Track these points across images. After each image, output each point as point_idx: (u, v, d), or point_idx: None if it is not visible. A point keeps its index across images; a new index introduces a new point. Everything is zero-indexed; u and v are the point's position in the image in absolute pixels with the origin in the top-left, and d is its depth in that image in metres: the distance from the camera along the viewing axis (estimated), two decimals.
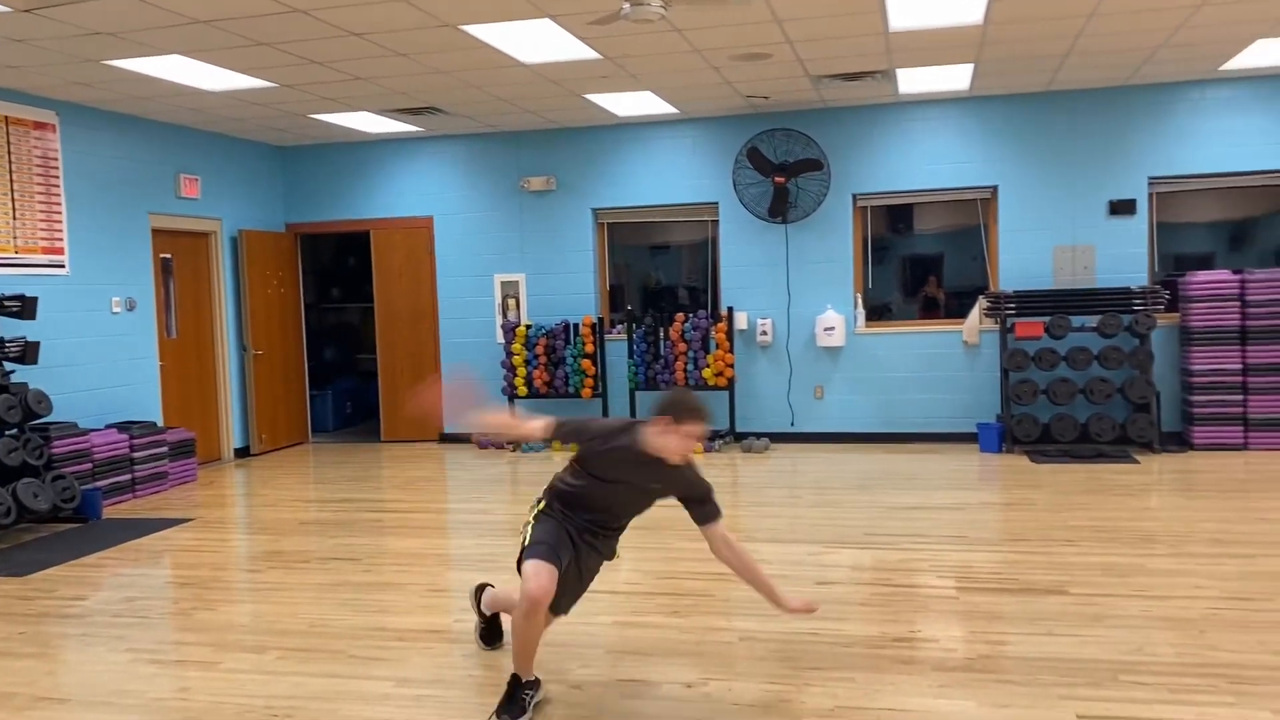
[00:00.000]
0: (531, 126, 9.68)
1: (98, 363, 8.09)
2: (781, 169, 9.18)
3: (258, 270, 9.89)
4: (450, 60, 6.98)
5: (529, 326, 9.68)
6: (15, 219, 7.41)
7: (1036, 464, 8.05)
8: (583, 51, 6.82)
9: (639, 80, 7.80)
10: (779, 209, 9.26)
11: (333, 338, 12.07)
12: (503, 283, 10.01)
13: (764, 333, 9.44)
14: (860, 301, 9.36)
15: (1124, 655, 3.89)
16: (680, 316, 9.39)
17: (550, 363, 9.59)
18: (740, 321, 9.46)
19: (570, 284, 9.86)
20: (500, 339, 9.94)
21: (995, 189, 9.03)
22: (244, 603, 5.17)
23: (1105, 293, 8.45)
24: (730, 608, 4.70)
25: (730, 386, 9.30)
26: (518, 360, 9.59)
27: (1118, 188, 8.75)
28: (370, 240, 10.37)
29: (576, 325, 9.63)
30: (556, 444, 3.90)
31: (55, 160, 7.75)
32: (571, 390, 9.56)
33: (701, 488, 3.65)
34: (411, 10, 5.77)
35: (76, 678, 4.15)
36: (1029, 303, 8.57)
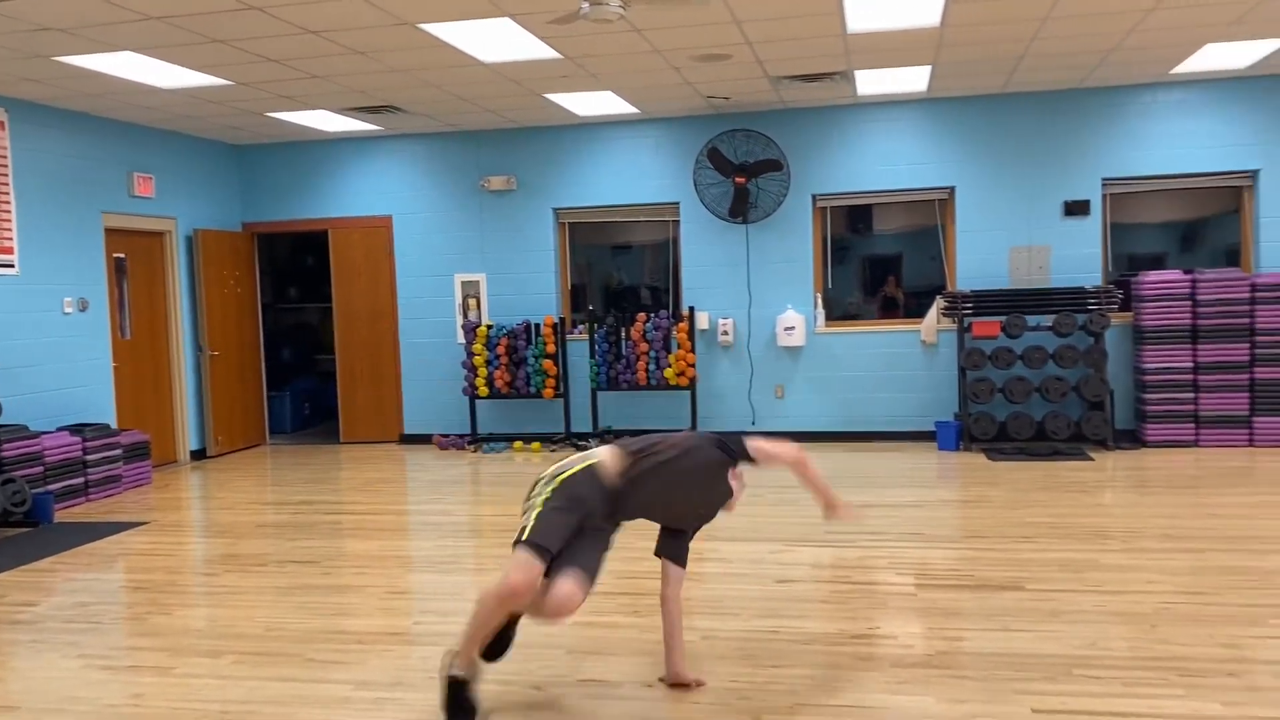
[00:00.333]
0: (492, 126, 9.64)
1: (49, 364, 7.95)
2: (742, 169, 9.21)
3: (214, 270, 9.77)
4: (409, 59, 6.94)
5: (490, 326, 9.63)
6: None
7: (993, 461, 8.15)
8: (543, 51, 6.80)
9: (599, 80, 7.79)
10: (739, 209, 9.30)
11: (291, 338, 11.94)
12: (463, 282, 9.96)
13: (725, 332, 9.47)
14: (820, 301, 9.42)
15: (1078, 650, 3.95)
16: (642, 316, 9.39)
17: (512, 363, 9.56)
18: (701, 321, 9.49)
19: (531, 284, 9.84)
20: (461, 339, 9.89)
21: (953, 190, 9.13)
22: (199, 607, 5.10)
23: (1060, 292, 8.57)
24: (691, 607, 4.70)
25: (692, 386, 9.32)
26: (479, 360, 9.54)
27: (1072, 189, 8.88)
28: (328, 240, 10.27)
29: (538, 325, 9.60)
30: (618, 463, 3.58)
31: (4, 158, 7.60)
32: (533, 390, 9.53)
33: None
34: (369, 8, 5.73)
35: (26, 685, 4.07)
36: (986, 302, 8.68)
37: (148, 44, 6.34)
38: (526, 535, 3.38)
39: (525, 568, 3.30)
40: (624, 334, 9.43)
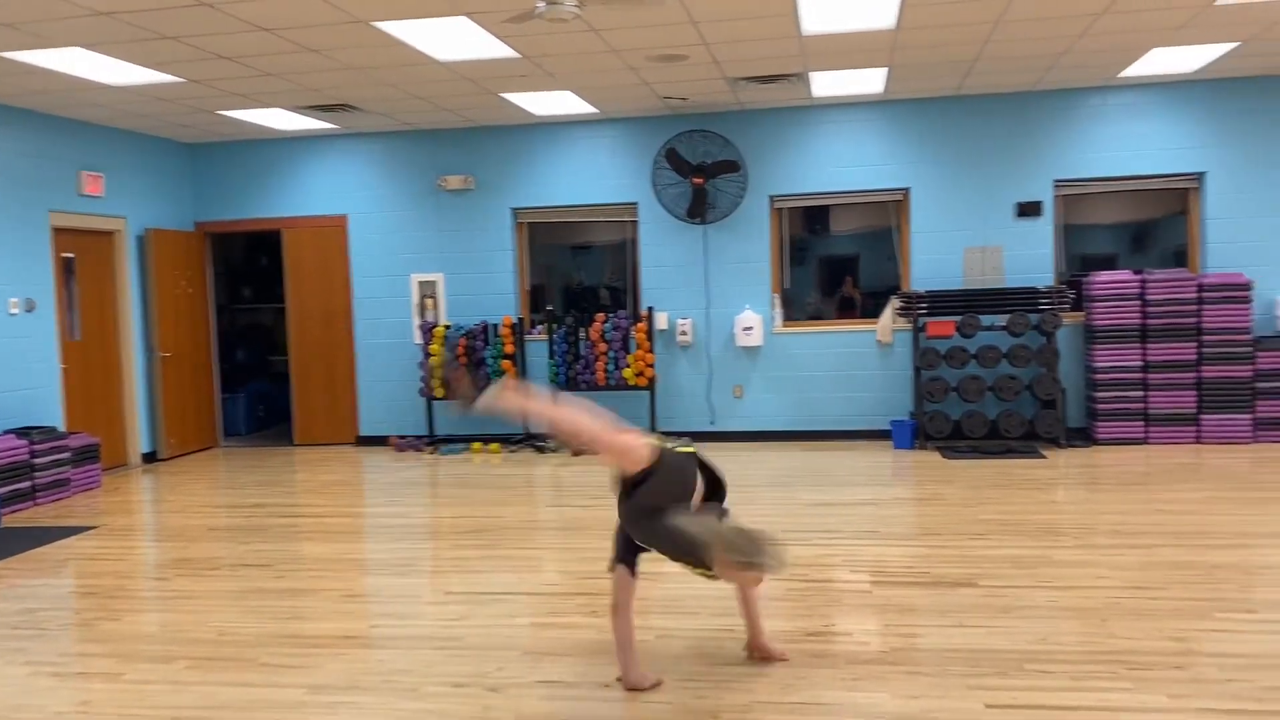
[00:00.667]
0: (449, 125, 9.59)
1: None
2: (699, 170, 9.24)
3: (165, 270, 9.62)
4: (364, 57, 6.88)
5: (448, 327, 9.58)
6: None
7: (948, 460, 8.24)
8: (500, 50, 6.77)
9: (557, 80, 7.78)
10: (698, 210, 9.32)
11: (245, 339, 11.78)
12: (420, 282, 9.90)
13: (684, 333, 9.49)
14: (778, 302, 9.47)
15: (1030, 645, 4.00)
16: (600, 317, 9.39)
17: (470, 363, 9.50)
18: (660, 321, 9.50)
19: (490, 284, 9.79)
20: (418, 339, 9.82)
21: (908, 191, 9.22)
22: (150, 612, 5.02)
23: (1013, 292, 8.69)
24: (648, 606, 4.70)
25: (651, 386, 9.33)
26: (436, 361, 9.47)
27: (1025, 190, 9.01)
28: (282, 240, 10.15)
29: (496, 326, 9.56)
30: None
31: None
32: None
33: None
34: (323, 5, 5.67)
35: None
36: (940, 303, 8.77)
37: (96, 40, 6.23)
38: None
39: None
40: (583, 334, 9.41)
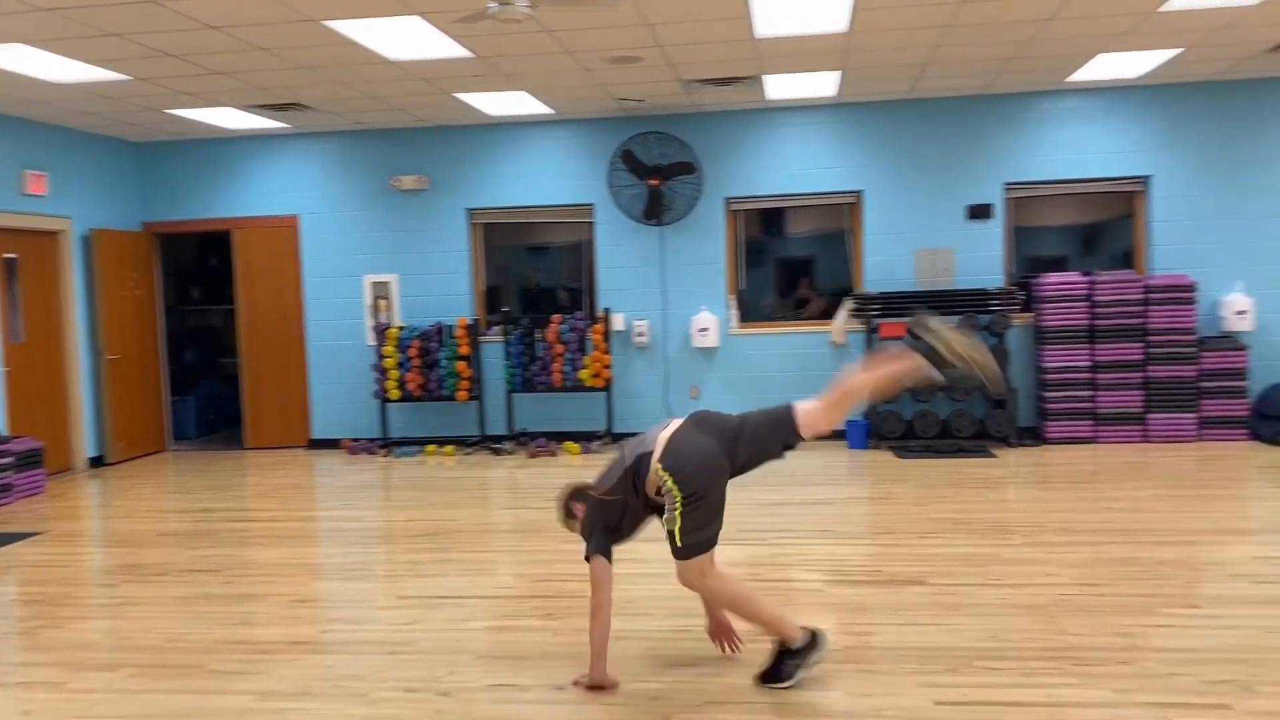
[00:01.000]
0: (402, 124, 9.51)
1: None
2: (655, 172, 9.25)
3: (112, 271, 9.44)
4: (314, 56, 6.80)
5: (401, 328, 9.50)
6: None
7: (901, 459, 8.32)
8: (453, 50, 6.73)
9: (512, 80, 7.74)
10: (654, 211, 9.33)
11: (194, 341, 11.60)
12: (373, 284, 9.80)
13: (640, 334, 9.49)
14: (734, 303, 9.51)
15: (979, 642, 4.05)
16: (557, 318, 9.36)
17: (424, 365, 9.43)
18: (617, 323, 9.49)
19: (444, 285, 9.73)
20: (371, 341, 9.73)
21: (860, 193, 9.30)
22: (95, 619, 4.92)
23: (964, 294, 8.80)
24: None
25: (607, 387, 9.32)
26: (389, 363, 9.40)
27: (975, 193, 9.12)
28: (232, 240, 10.01)
29: (451, 327, 9.49)
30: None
31: None
32: (446, 393, 9.42)
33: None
34: (272, 4, 5.59)
35: None
36: (893, 304, 8.85)
37: (39, 36, 6.09)
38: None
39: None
40: (539, 335, 9.38)
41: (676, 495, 3.59)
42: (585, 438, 9.31)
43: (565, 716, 3.54)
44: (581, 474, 8.34)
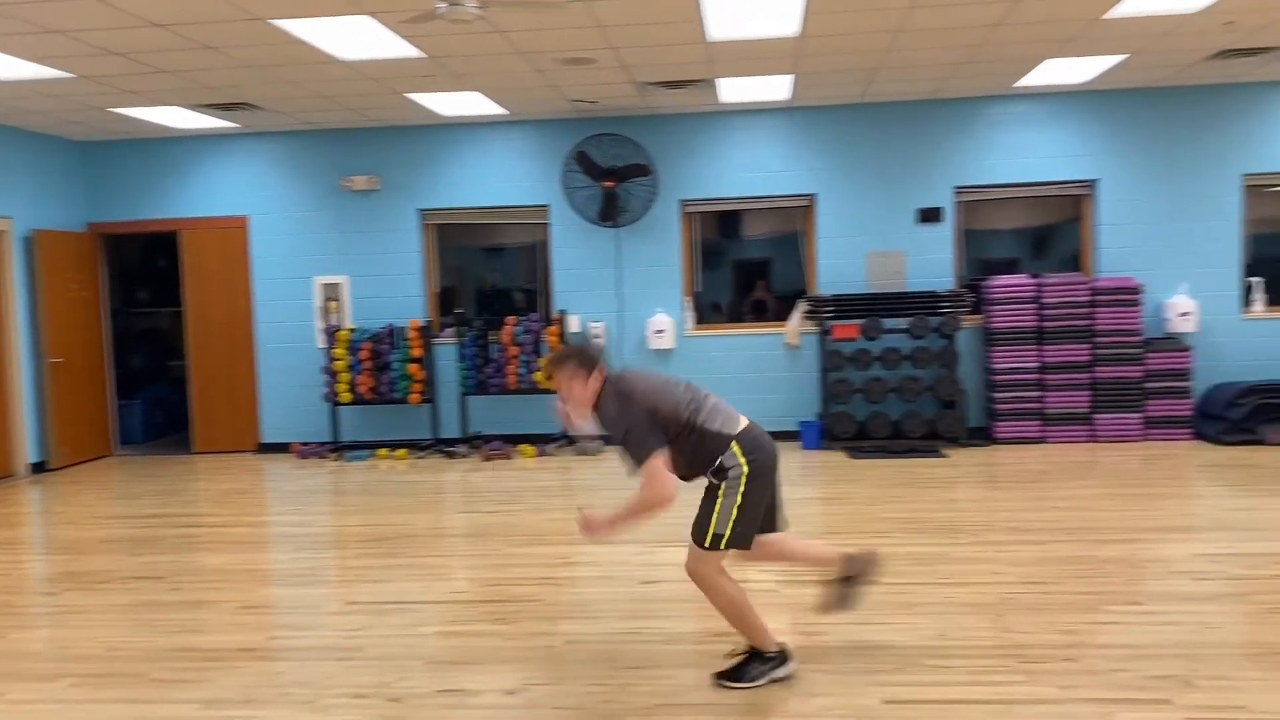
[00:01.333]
0: (353, 124, 9.42)
1: None
2: (610, 173, 9.24)
3: (55, 272, 9.24)
4: (263, 55, 6.71)
5: (353, 330, 9.40)
6: None
7: (853, 459, 8.38)
8: (404, 50, 6.67)
9: (464, 80, 7.70)
10: (609, 213, 9.33)
11: (141, 344, 11.40)
12: (324, 285, 9.69)
13: (596, 335, 9.47)
14: (690, 305, 9.53)
15: (928, 641, 4.09)
16: (511, 319, 9.32)
17: (376, 368, 9.34)
18: (573, 324, 9.47)
19: (396, 286, 9.64)
20: (321, 343, 9.62)
21: (814, 197, 9.36)
22: (36, 628, 4.81)
23: (915, 296, 8.89)
24: (556, 612, 4.69)
25: None
26: (340, 366, 9.29)
27: (926, 197, 9.22)
28: (179, 241, 9.85)
29: (403, 329, 9.41)
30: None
31: None
32: (398, 396, 9.34)
33: (615, 431, 3.74)
34: (218, 1, 5.51)
35: None
36: (845, 306, 8.92)
37: None
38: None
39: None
40: (493, 337, 9.33)
41: (743, 479, 3.64)
42: (541, 440, 9.27)
43: None
44: (536, 477, 8.31)
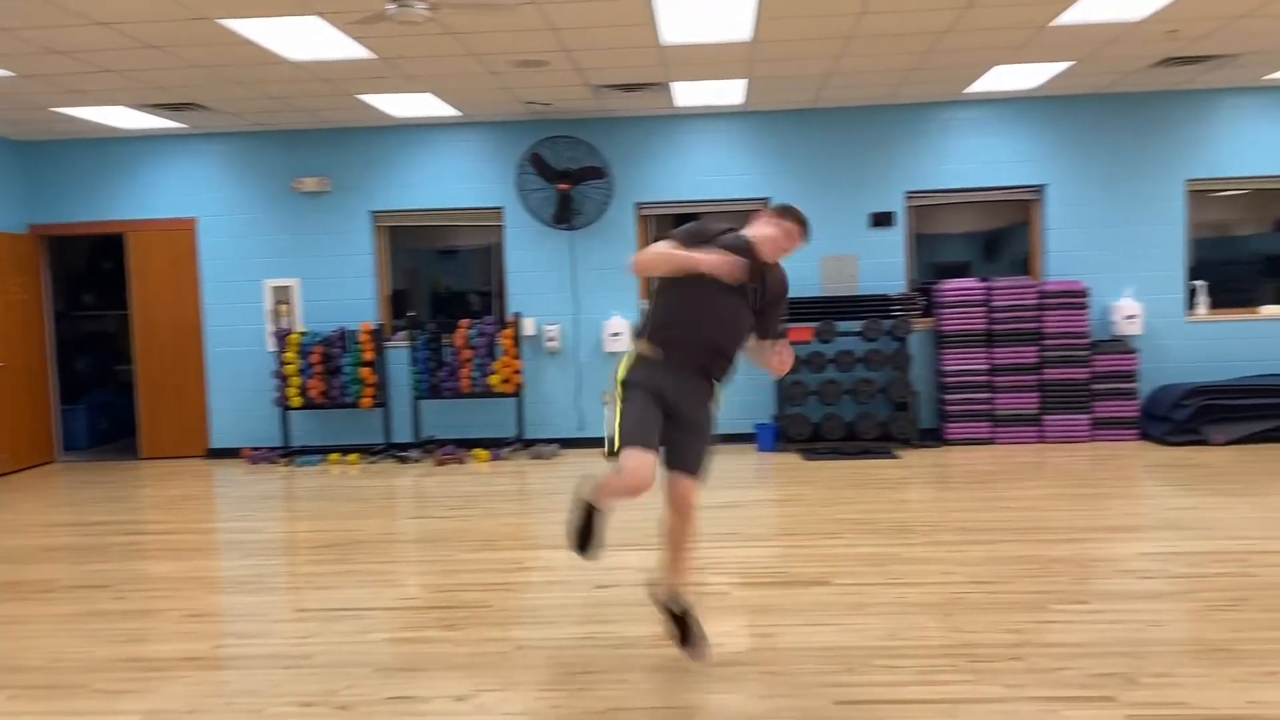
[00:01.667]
0: (305, 126, 9.31)
1: None
2: (565, 176, 9.22)
3: None
4: (210, 55, 6.61)
5: (303, 334, 9.29)
6: None
7: (808, 461, 8.43)
8: (355, 50, 6.61)
9: (416, 82, 7.64)
10: (564, 215, 9.30)
11: (87, 348, 11.17)
12: (274, 288, 9.57)
13: (552, 339, 9.45)
14: (646, 308, 9.52)
15: (879, 641, 4.12)
16: (465, 323, 9.26)
17: (327, 372, 9.23)
18: (528, 327, 9.43)
19: (348, 289, 9.55)
20: (272, 347, 9.49)
21: (767, 201, 9.41)
22: None
23: (868, 300, 8.97)
24: (507, 617, 4.67)
25: (518, 393, 9.25)
26: (291, 370, 9.18)
27: (879, 201, 9.30)
28: (125, 243, 9.67)
29: (355, 332, 9.32)
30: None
31: None
32: (350, 400, 9.24)
33: (784, 291, 3.91)
34: (165, 1, 5.42)
35: None
36: (800, 309, 8.97)
37: None
38: (620, 431, 3.68)
39: (637, 468, 3.60)
40: (447, 341, 9.27)
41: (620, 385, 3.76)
42: (495, 445, 9.22)
43: None
44: (490, 482, 8.27)
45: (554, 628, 4.46)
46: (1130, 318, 8.97)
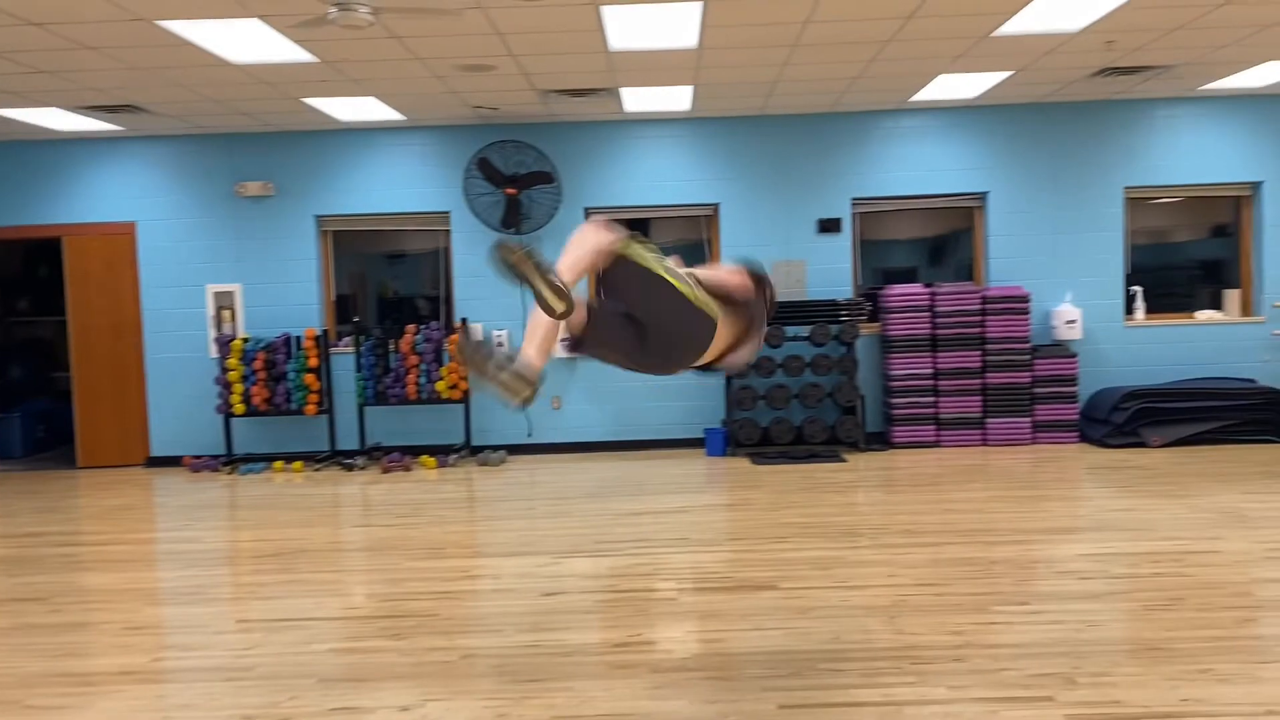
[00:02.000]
0: (247, 129, 9.18)
1: None
2: (513, 180, 9.19)
3: None
4: (149, 57, 6.49)
5: (246, 340, 9.14)
6: None
7: (757, 465, 8.48)
8: (297, 54, 6.53)
9: (361, 86, 7.57)
10: (512, 220, 9.26)
11: (22, 355, 10.91)
12: (216, 294, 9.41)
13: (500, 344, 9.40)
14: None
15: (823, 644, 4.14)
16: (411, 328, 9.18)
17: (270, 378, 9.10)
18: (475, 332, 9.37)
19: (292, 294, 9.42)
20: (214, 353, 9.33)
21: (717, 206, 9.45)
22: None
23: (816, 305, 9.04)
24: (454, 626, 4.62)
25: (465, 399, 9.19)
26: (234, 376, 9.03)
27: (826, 207, 9.38)
28: (61, 248, 9.45)
29: (299, 338, 9.20)
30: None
31: None
32: (294, 407, 9.11)
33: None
34: (100, 1, 5.31)
35: None
36: None
37: None
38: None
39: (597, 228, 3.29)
40: (393, 346, 9.18)
41: None
42: (442, 451, 9.15)
43: None
44: (437, 489, 8.21)
45: (501, 636, 4.43)
46: (1070, 323, 9.14)
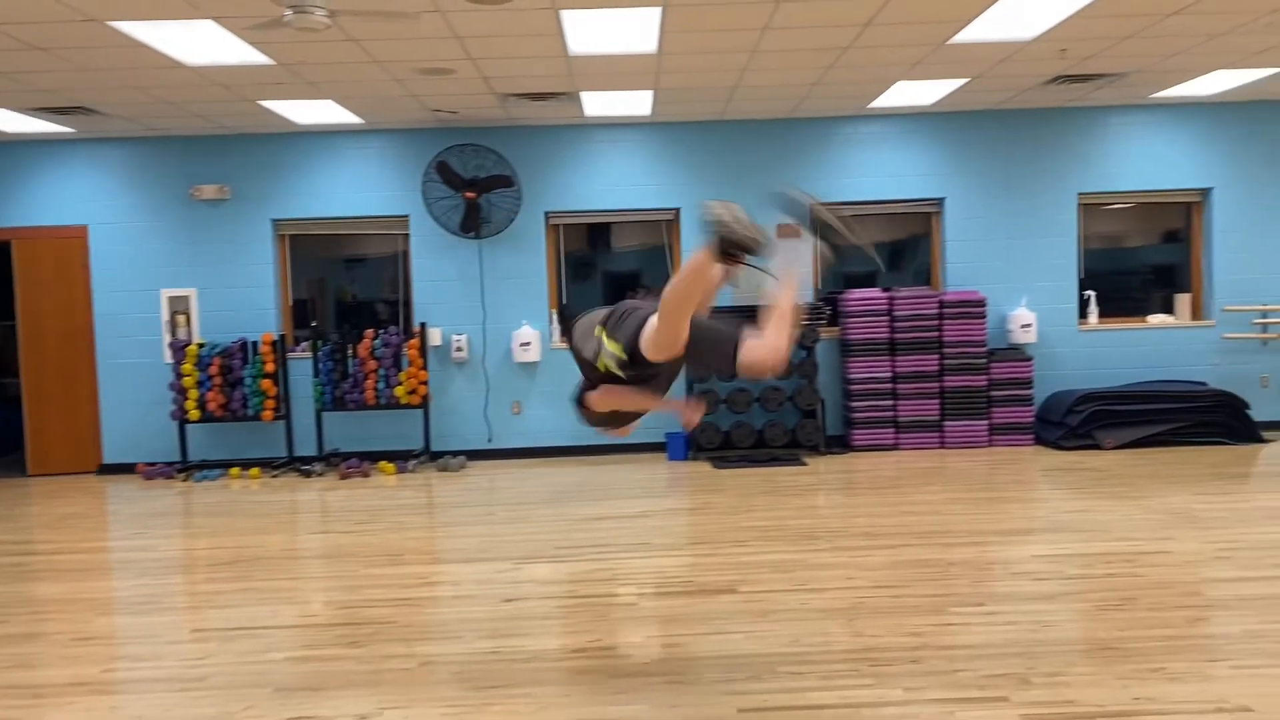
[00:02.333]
0: (203, 132, 9.06)
1: None
2: (472, 184, 9.15)
3: None
4: (100, 58, 6.39)
5: (202, 345, 9.02)
6: None
7: (718, 469, 8.50)
8: (252, 56, 6.46)
9: (319, 89, 7.50)
10: (471, 224, 9.22)
11: None
12: (170, 298, 9.28)
13: (459, 349, 9.35)
14: (556, 317, 9.50)
15: (782, 648, 4.16)
16: (370, 333, 9.10)
17: (226, 384, 8.98)
18: (434, 337, 9.32)
19: (248, 299, 9.30)
20: (169, 359, 9.20)
21: (678, 211, 9.47)
22: None
23: None
24: (413, 633, 4.59)
25: (424, 404, 9.13)
26: (189, 382, 8.90)
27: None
28: (11, 251, 9.28)
29: (256, 343, 9.09)
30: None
31: None
32: (251, 413, 9.00)
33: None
34: (50, 1, 5.22)
35: None
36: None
37: None
38: None
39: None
40: (351, 351, 9.10)
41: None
42: (401, 457, 9.08)
43: None
44: (396, 495, 8.14)
45: (460, 643, 4.40)
46: (1026, 326, 9.26)
